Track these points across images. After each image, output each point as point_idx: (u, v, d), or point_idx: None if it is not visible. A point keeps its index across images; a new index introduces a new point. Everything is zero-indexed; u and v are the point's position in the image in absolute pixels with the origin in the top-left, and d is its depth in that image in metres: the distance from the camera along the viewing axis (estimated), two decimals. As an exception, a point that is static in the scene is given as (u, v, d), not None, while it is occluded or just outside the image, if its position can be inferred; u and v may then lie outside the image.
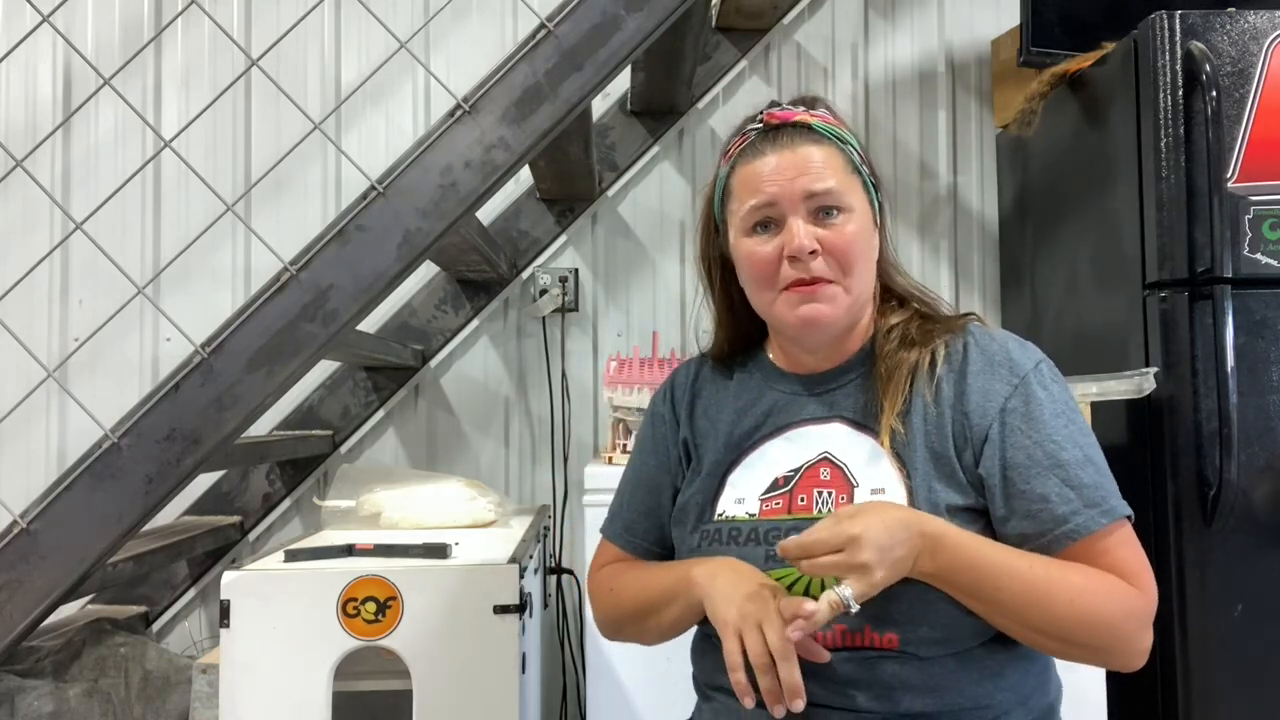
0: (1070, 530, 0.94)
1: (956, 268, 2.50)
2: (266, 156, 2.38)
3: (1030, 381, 1.00)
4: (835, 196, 1.01)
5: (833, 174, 1.02)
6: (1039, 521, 0.95)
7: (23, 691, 1.60)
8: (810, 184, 1.00)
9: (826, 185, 1.01)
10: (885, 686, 0.94)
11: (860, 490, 0.99)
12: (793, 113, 1.05)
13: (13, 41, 1.82)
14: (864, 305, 1.07)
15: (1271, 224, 1.77)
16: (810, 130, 1.04)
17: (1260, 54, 1.79)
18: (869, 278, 1.05)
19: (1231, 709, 1.73)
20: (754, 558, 0.99)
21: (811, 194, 1.01)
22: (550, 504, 2.38)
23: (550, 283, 2.40)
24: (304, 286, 1.53)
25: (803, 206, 1.01)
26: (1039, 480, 0.95)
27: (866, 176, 1.06)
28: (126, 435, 1.51)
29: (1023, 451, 0.97)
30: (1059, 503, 0.94)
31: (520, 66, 1.55)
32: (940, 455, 0.99)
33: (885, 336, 1.06)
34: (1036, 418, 0.98)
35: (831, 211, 1.01)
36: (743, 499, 1.04)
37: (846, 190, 1.02)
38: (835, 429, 1.04)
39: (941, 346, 1.03)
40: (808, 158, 1.01)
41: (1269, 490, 1.74)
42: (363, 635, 1.43)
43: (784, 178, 1.01)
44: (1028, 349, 1.04)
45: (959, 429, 0.99)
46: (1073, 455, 0.96)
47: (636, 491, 1.16)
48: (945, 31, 2.53)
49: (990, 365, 1.01)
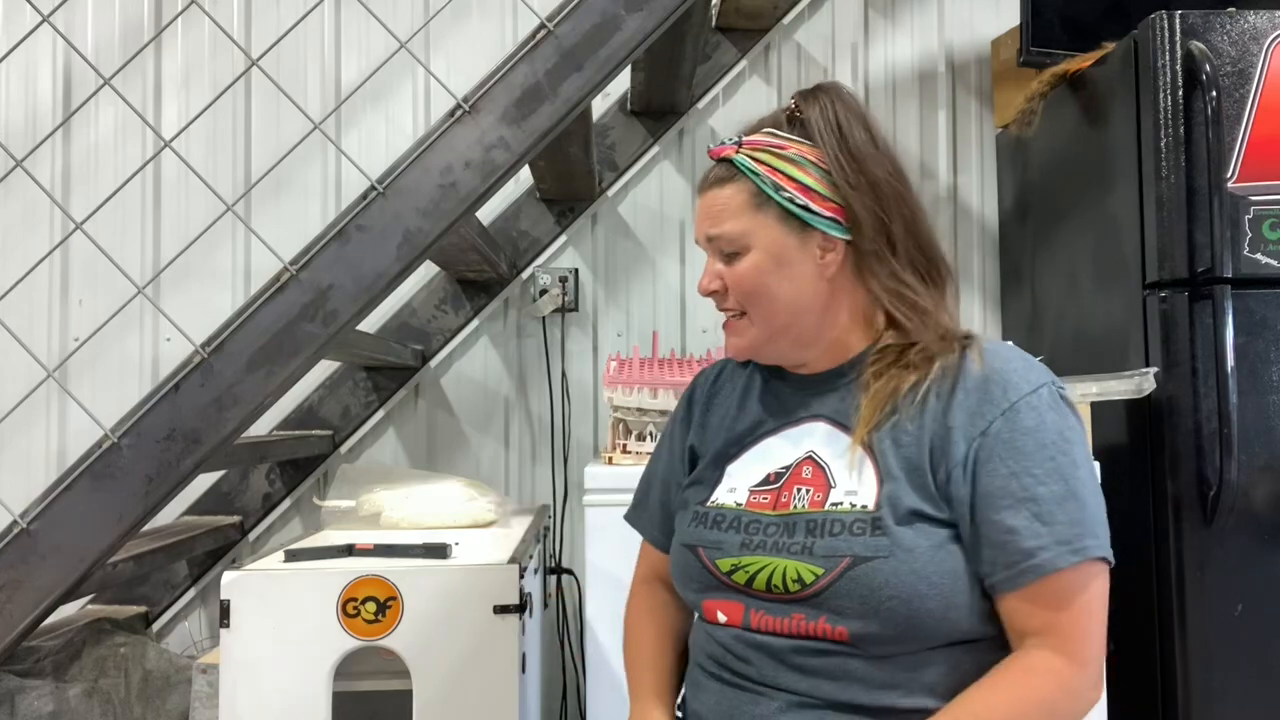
0: (1036, 565, 0.92)
1: (956, 268, 2.48)
2: (266, 156, 2.38)
3: (1021, 407, 0.97)
4: (728, 239, 1.05)
5: (730, 216, 1.05)
6: (1005, 552, 0.94)
7: (23, 691, 1.60)
8: (707, 229, 1.07)
9: (718, 230, 1.06)
10: (831, 676, 0.97)
11: (836, 490, 1.01)
12: (721, 149, 1.08)
13: (13, 41, 1.82)
14: (795, 328, 1.05)
15: (1271, 224, 1.77)
16: (730, 164, 1.07)
17: (1260, 54, 1.79)
18: (788, 305, 1.04)
19: (1231, 709, 1.73)
20: (731, 543, 1.04)
21: (708, 237, 1.07)
22: (550, 504, 2.38)
23: (550, 283, 2.40)
24: (304, 286, 1.53)
25: (710, 247, 1.08)
26: (1009, 511, 0.94)
27: (787, 201, 1.03)
28: (126, 435, 1.51)
29: (997, 479, 0.95)
30: (1026, 536, 0.93)
31: (520, 66, 1.55)
32: (915, 467, 0.98)
33: (883, 351, 1.05)
34: (1020, 447, 0.95)
35: (731, 253, 1.06)
36: (735, 489, 1.08)
37: (743, 231, 1.04)
38: (821, 429, 1.06)
39: (936, 367, 1.02)
40: (713, 200, 1.07)
41: (1269, 490, 1.74)
42: (363, 635, 1.43)
43: (699, 220, 1.09)
44: (1033, 372, 1.00)
45: (937, 442, 0.98)
46: (1051, 490, 0.94)
47: (654, 489, 1.22)
48: (945, 31, 2.53)
49: (984, 385, 0.99)
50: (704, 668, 1.07)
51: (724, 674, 1.04)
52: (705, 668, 1.07)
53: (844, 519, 0.98)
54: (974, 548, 0.96)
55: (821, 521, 0.99)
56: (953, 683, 0.96)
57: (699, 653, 1.09)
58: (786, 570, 0.98)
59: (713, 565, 1.04)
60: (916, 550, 0.95)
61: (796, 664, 0.98)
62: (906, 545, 0.95)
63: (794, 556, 0.98)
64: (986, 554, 0.95)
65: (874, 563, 0.94)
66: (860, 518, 0.97)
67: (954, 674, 0.96)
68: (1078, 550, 0.93)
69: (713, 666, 1.06)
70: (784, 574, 0.99)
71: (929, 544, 0.95)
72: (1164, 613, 1.76)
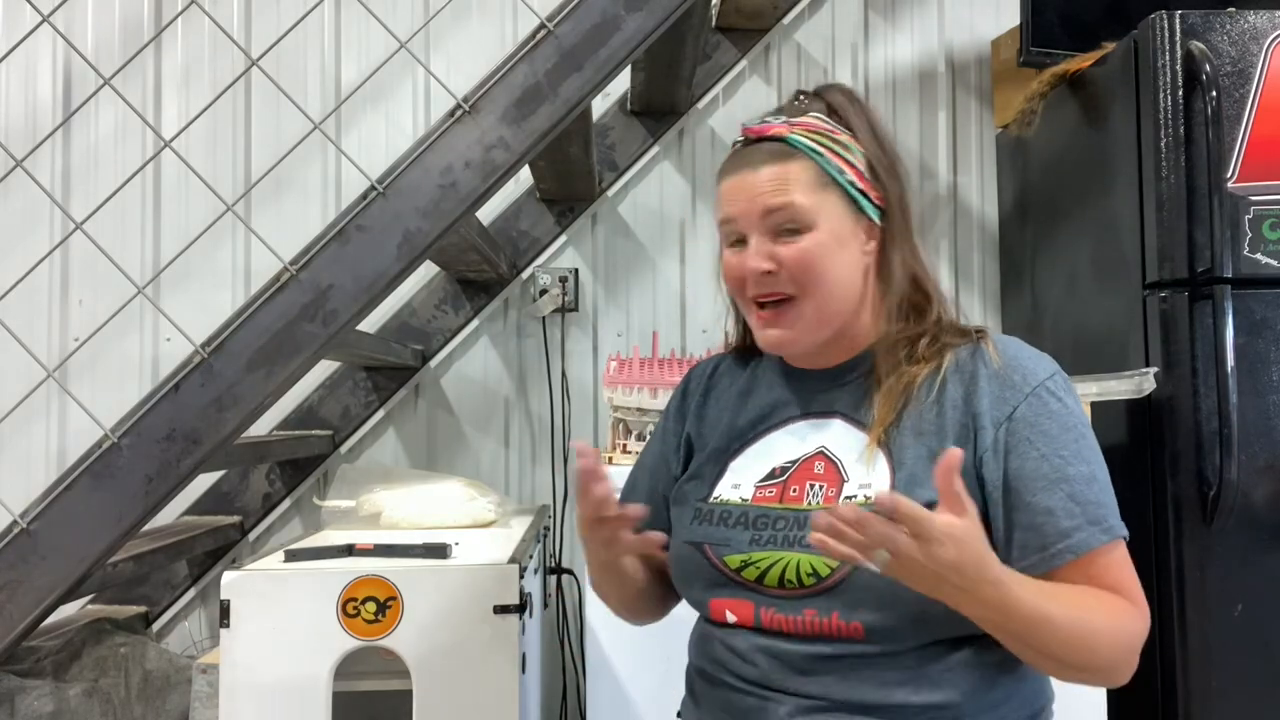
0: (1073, 545, 0.94)
1: (956, 268, 2.50)
2: (266, 156, 2.38)
3: (1042, 392, 0.99)
4: (792, 214, 1.01)
5: (798, 190, 1.01)
6: (1042, 534, 0.95)
7: (23, 691, 1.60)
8: (766, 201, 1.01)
9: (785, 200, 1.01)
10: (841, 677, 0.96)
11: (849, 485, 1.01)
12: (768, 126, 1.05)
13: (13, 41, 1.82)
14: (840, 316, 1.05)
15: (1271, 224, 1.77)
16: (784, 143, 1.03)
17: (1260, 54, 1.79)
18: (836, 291, 1.03)
19: (1231, 709, 1.73)
20: (739, 540, 1.03)
21: (768, 210, 1.01)
22: (550, 504, 2.38)
23: (550, 283, 2.39)
24: (304, 286, 1.53)
25: (760, 225, 1.02)
26: (1045, 493, 0.95)
27: (849, 185, 1.04)
28: (126, 435, 1.51)
29: (1030, 463, 0.97)
30: (1063, 517, 0.95)
31: (520, 66, 1.55)
32: (937, 454, 0.97)
33: (893, 345, 1.05)
34: (1046, 430, 0.98)
35: (791, 230, 1.01)
36: (739, 484, 1.07)
37: (809, 206, 1.01)
38: (834, 424, 1.06)
39: (949, 358, 1.03)
40: (769, 176, 1.02)
41: (1269, 490, 1.74)
42: (363, 635, 1.43)
43: (744, 197, 1.02)
44: (1043, 360, 1.03)
45: (963, 430, 0.99)
46: (1079, 471, 0.96)
47: (642, 476, 1.22)
48: (945, 31, 2.53)
49: (1003, 372, 1.01)
50: (705, 673, 1.06)
51: (728, 678, 1.02)
52: (707, 673, 1.05)
53: None
54: (1006, 532, 0.96)
55: None
56: (965, 677, 0.96)
57: (700, 658, 1.08)
58: (800, 564, 0.98)
59: (720, 562, 1.03)
60: None
61: (805, 667, 0.97)
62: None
63: (807, 550, 0.97)
64: (1018, 537, 0.96)
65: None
66: (875, 511, 0.97)
67: (966, 668, 0.96)
68: (1107, 530, 0.96)
69: (716, 671, 1.04)
70: (797, 568, 0.98)
71: None
72: (1164, 613, 1.75)
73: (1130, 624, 0.95)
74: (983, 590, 0.87)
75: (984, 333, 1.06)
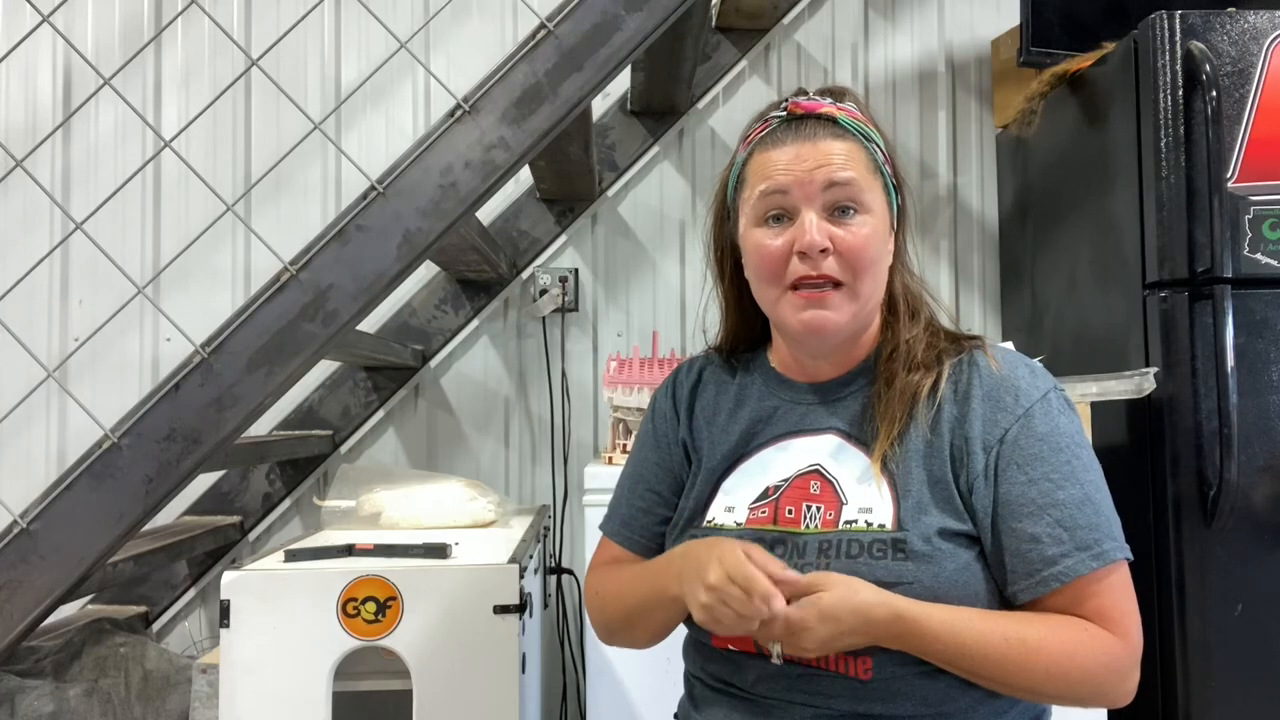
0: (1058, 573, 0.92)
1: (956, 268, 2.50)
2: (266, 156, 2.38)
3: (1035, 413, 0.97)
4: (854, 192, 0.97)
5: (857, 169, 0.98)
6: (1027, 561, 0.93)
7: (23, 691, 1.60)
8: (831, 174, 0.97)
9: (849, 175, 0.97)
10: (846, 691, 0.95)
11: (848, 507, 0.97)
12: (819, 104, 1.01)
13: (13, 41, 1.82)
14: (872, 312, 1.04)
15: (1271, 224, 1.77)
16: (835, 124, 1.00)
17: (1260, 54, 1.79)
18: (879, 283, 1.02)
19: (1232, 709, 1.73)
20: None
21: (831, 184, 0.97)
22: (550, 504, 2.38)
23: (550, 283, 2.40)
24: (304, 286, 1.54)
25: (819, 200, 0.97)
26: (1031, 519, 0.93)
27: (889, 178, 1.03)
28: (126, 435, 1.51)
29: (1018, 488, 0.94)
30: (1049, 544, 0.92)
31: (520, 66, 1.55)
32: (939, 480, 0.97)
33: (891, 354, 1.03)
34: (1036, 453, 0.95)
35: (848, 210, 0.97)
36: (733, 507, 1.03)
37: (866, 189, 0.98)
38: (831, 441, 1.03)
39: (947, 370, 1.01)
40: (829, 151, 0.98)
41: (1269, 490, 1.74)
42: (363, 635, 1.43)
43: (802, 168, 0.97)
44: (1038, 376, 1.00)
45: (958, 453, 0.97)
46: (1070, 494, 0.94)
47: (636, 487, 1.15)
48: (945, 31, 2.53)
49: (996, 392, 0.98)
50: (705, 682, 1.04)
51: (730, 689, 1.00)
52: (707, 682, 1.03)
53: (861, 539, 0.95)
54: (995, 557, 0.95)
55: (836, 542, 0.95)
56: (968, 690, 0.95)
57: (698, 666, 1.05)
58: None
59: None
60: (941, 575, 0.92)
61: (810, 686, 0.95)
62: (931, 570, 0.92)
63: None
64: (1008, 562, 0.94)
65: (897, 590, 0.91)
66: (879, 539, 0.94)
67: (969, 683, 0.95)
68: (1098, 555, 0.93)
69: (716, 682, 1.02)
70: None
71: (954, 566, 0.93)
72: (1164, 613, 1.75)
73: (1104, 655, 0.91)
74: (889, 628, 0.89)
75: (979, 341, 1.04)
